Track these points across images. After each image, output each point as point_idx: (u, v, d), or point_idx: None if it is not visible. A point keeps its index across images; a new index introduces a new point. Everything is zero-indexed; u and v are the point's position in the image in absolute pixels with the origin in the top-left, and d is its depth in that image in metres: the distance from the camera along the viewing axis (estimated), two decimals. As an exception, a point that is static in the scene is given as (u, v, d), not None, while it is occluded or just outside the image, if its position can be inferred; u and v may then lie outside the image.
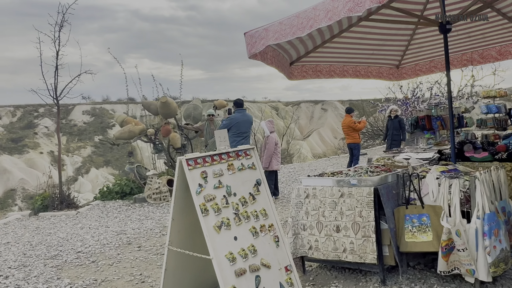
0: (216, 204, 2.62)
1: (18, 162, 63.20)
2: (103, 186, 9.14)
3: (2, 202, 57.77)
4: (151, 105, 9.47)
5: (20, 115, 72.30)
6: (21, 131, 69.06)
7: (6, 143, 65.47)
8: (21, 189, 60.06)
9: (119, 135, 8.12)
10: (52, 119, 74.98)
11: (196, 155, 2.69)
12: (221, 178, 2.75)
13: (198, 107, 10.03)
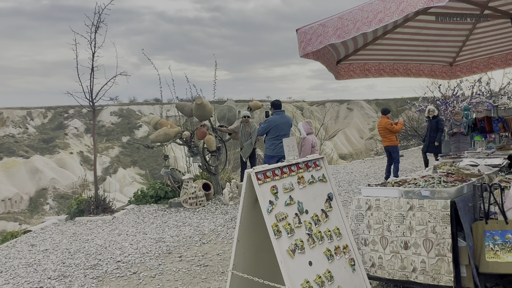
0: (289, 224, 2.29)
1: (49, 162, 65.01)
2: (138, 190, 8.98)
3: (35, 201, 59.56)
4: (185, 106, 9.25)
5: (51, 117, 74.40)
6: (52, 132, 71.03)
7: (38, 144, 67.46)
8: (52, 188, 61.75)
9: (154, 138, 7.93)
10: (81, 120, 76.80)
11: (265, 168, 2.37)
12: (292, 193, 2.42)
13: (233, 109, 9.74)
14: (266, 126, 7.18)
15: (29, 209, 57.68)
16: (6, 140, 62.68)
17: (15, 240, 6.35)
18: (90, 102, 7.62)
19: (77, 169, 67.04)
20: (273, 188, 2.33)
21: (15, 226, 52.77)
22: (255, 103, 9.77)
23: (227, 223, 6.64)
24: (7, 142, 62.29)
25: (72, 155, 68.60)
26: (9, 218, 53.39)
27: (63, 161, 65.69)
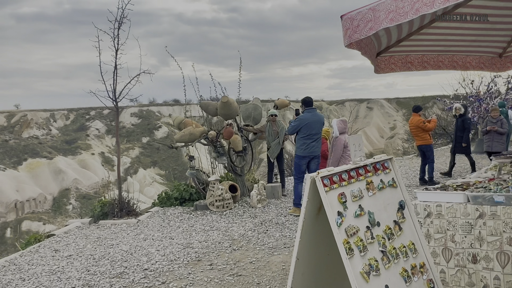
0: (360, 239, 1.90)
1: (72, 163, 66.12)
2: (162, 192, 8.71)
3: (58, 201, 60.65)
4: (209, 105, 8.93)
5: (73, 118, 75.74)
6: (74, 133, 72.27)
7: (61, 145, 68.72)
8: (74, 189, 62.78)
9: (179, 138, 7.63)
10: (103, 121, 77.88)
11: (331, 172, 1.98)
12: (361, 201, 2.02)
13: (258, 107, 9.37)
14: (297, 124, 6.78)
15: (53, 209, 58.79)
16: (30, 141, 64.05)
17: (39, 244, 6.13)
18: (113, 102, 7.36)
19: (98, 170, 68.04)
20: (341, 196, 1.94)
21: (40, 226, 53.83)
22: (282, 101, 9.37)
23: (257, 228, 6.26)
24: (31, 143, 63.64)
25: (94, 156, 69.64)
26: (34, 218, 54.51)
27: (85, 162, 66.74)
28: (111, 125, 78.41)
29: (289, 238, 5.68)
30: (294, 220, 6.61)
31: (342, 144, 7.04)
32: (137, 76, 7.36)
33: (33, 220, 53.69)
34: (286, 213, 7.09)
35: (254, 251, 5.22)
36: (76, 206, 60.50)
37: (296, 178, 7.02)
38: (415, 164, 12.61)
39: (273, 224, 6.44)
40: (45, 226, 53.71)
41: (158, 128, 79.72)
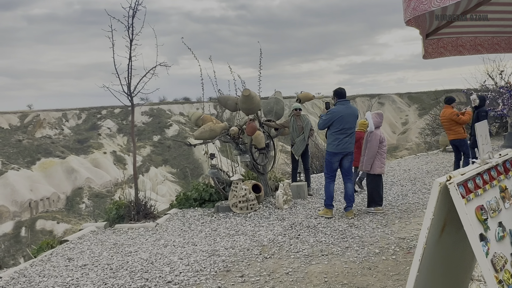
0: (511, 275, 1.32)
1: (84, 162, 66.39)
2: (180, 193, 8.19)
3: (71, 200, 60.93)
4: (229, 100, 8.38)
5: (85, 118, 76.03)
6: (86, 132, 72.55)
7: (73, 144, 69.03)
8: (87, 188, 63.01)
9: (199, 134, 7.09)
10: (114, 120, 78.07)
11: (465, 175, 1.40)
12: (500, 217, 1.45)
13: (280, 101, 8.80)
14: (329, 118, 6.19)
15: (66, 208, 59.08)
16: (43, 141, 64.43)
17: (51, 252, 5.66)
18: (128, 97, 6.86)
19: (111, 169, 68.26)
20: (480, 210, 1.36)
21: (54, 224, 54.11)
22: (305, 94, 8.77)
23: (287, 232, 5.71)
24: (44, 143, 64.01)
25: (106, 154, 69.83)
26: (48, 217, 54.81)
27: (97, 161, 66.96)
28: (122, 124, 78.58)
29: (325, 244, 5.11)
30: (326, 222, 6.04)
31: (378, 139, 6.43)
32: (153, 69, 6.84)
33: (47, 219, 53.99)
34: (315, 215, 6.52)
35: (288, 260, 4.67)
36: (89, 205, 60.70)
37: (328, 177, 6.44)
38: (443, 160, 11.92)
39: (304, 227, 5.88)
40: (59, 225, 54.07)
41: (169, 126, 79.68)
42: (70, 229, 54.71)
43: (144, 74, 6.82)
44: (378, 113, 6.66)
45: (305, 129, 8.12)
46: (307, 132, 8.12)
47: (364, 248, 4.85)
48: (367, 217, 6.23)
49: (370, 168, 6.44)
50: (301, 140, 8.10)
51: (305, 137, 8.11)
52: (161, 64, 7.13)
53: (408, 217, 6.14)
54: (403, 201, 7.14)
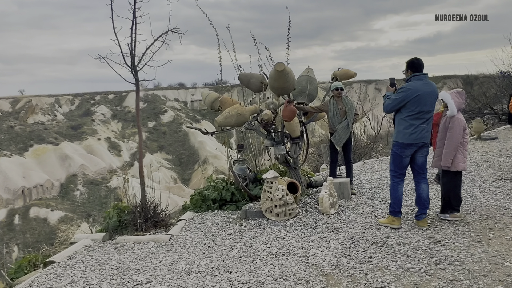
0: None
1: (78, 148, 64.52)
2: (195, 192, 6.68)
3: (65, 187, 59.35)
4: (252, 78, 6.83)
5: (78, 103, 73.78)
6: (80, 118, 70.45)
7: (67, 130, 67.01)
8: (81, 175, 61.36)
9: (223, 120, 5.54)
10: (108, 106, 75.97)
11: None
12: None
13: (313, 80, 7.25)
14: (401, 97, 4.67)
15: (60, 195, 57.47)
16: (36, 127, 62.36)
17: (32, 280, 4.15)
18: (131, 70, 5.28)
19: (105, 155, 66.47)
20: None
21: (48, 212, 52.62)
22: (345, 71, 7.21)
23: (351, 252, 4.24)
24: (37, 129, 61.96)
25: (100, 141, 67.92)
26: (42, 204, 53.22)
27: (91, 147, 65.06)
28: (116, 109, 76.49)
29: (416, 273, 3.65)
30: (397, 236, 4.58)
31: (462, 125, 4.94)
32: (164, 35, 5.23)
33: (41, 207, 52.40)
34: (375, 224, 5.07)
35: (372, 302, 3.21)
36: (83, 192, 59.15)
37: (395, 176, 4.96)
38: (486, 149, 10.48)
39: (371, 244, 4.42)
40: (53, 213, 52.53)
41: (164, 113, 77.79)
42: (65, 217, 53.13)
43: (152, 42, 5.23)
44: (459, 91, 5.14)
45: (348, 113, 6.62)
46: (351, 117, 6.63)
47: (478, 283, 3.40)
48: (446, 228, 4.79)
49: (451, 163, 4.96)
50: (344, 127, 6.60)
51: (348, 123, 6.62)
52: (172, 30, 5.52)
53: (501, 227, 4.70)
54: (476, 204, 5.69)
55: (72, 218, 51.91)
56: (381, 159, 10.34)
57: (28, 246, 48.72)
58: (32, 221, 50.53)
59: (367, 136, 13.30)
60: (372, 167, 9.30)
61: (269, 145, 5.88)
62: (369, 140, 12.85)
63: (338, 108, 6.66)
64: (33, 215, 51.27)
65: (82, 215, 54.56)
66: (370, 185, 7.30)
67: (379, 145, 12.34)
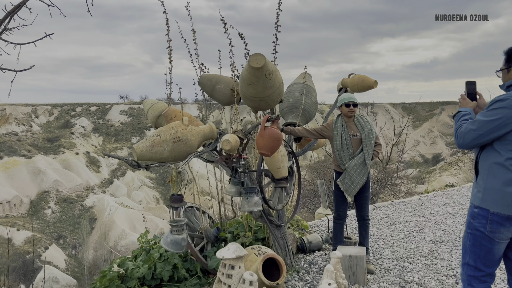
0: None
1: (53, 162, 60.91)
2: (110, 265, 4.07)
3: (36, 205, 55.49)
4: (219, 83, 4.35)
5: (57, 114, 70.52)
6: (58, 130, 67.07)
7: (42, 143, 63.50)
8: (55, 191, 57.60)
9: (147, 149, 2.85)
10: (89, 118, 72.86)
11: None
12: None
13: (312, 91, 4.82)
14: (499, 117, 2.25)
15: (29, 213, 53.55)
16: (8, 138, 58.77)
17: None
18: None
19: (82, 171, 62.88)
20: None
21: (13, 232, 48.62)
22: (360, 78, 4.78)
23: None
24: (9, 140, 58.37)
25: (78, 155, 64.45)
26: (7, 223, 49.19)
27: (67, 162, 61.54)
28: (98, 123, 73.39)
29: None
30: None
31: None
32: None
33: (5, 225, 48.40)
34: None
35: None
36: (55, 210, 55.32)
37: (477, 278, 2.47)
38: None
39: None
40: (19, 233, 48.55)
41: (150, 128, 74.87)
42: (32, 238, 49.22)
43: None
44: None
45: (365, 143, 4.18)
46: (370, 149, 4.19)
47: None
48: None
49: None
50: (359, 165, 4.14)
51: (365, 159, 4.17)
52: None
53: None
54: None
55: (40, 239, 48.02)
56: (397, 202, 7.88)
57: (-13, 268, 44.67)
58: (-6, 241, 46.52)
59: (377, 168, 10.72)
60: (387, 214, 6.84)
61: (233, 194, 3.34)
62: (380, 175, 10.18)
63: (349, 134, 4.21)
64: (-3, 234, 47.24)
65: (52, 235, 50.73)
66: (393, 254, 4.81)
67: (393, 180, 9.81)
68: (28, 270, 43.12)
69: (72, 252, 50.49)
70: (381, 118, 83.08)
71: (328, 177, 9.27)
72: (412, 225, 6.20)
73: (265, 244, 4.48)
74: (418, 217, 6.75)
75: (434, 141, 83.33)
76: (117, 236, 49.91)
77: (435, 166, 62.20)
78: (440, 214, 6.87)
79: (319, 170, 10.47)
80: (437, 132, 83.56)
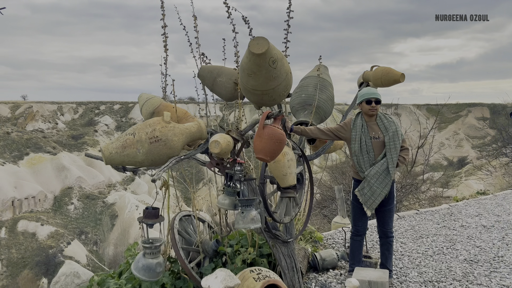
0: None
1: (77, 159, 61.95)
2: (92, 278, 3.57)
3: (59, 201, 56.55)
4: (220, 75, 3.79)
5: (82, 112, 71.76)
6: (82, 128, 68.24)
7: (67, 140, 64.70)
8: (78, 188, 58.55)
9: (118, 151, 2.28)
10: (112, 117, 73.83)
11: None
12: None
13: (328, 86, 4.21)
14: None
15: (53, 208, 54.60)
16: (34, 135, 60.13)
17: None
18: None
19: (105, 168, 63.64)
20: None
21: (37, 226, 49.64)
22: (385, 71, 4.12)
23: None
24: (35, 137, 59.71)
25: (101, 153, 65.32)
26: (31, 218, 50.33)
27: (90, 159, 62.49)
28: (121, 121, 74.25)
29: None
30: None
31: None
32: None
33: (30, 220, 49.49)
34: None
35: None
36: (78, 206, 56.16)
37: None
38: None
39: None
40: (43, 228, 49.47)
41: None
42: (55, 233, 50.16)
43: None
44: None
45: (389, 146, 3.53)
46: (395, 154, 3.53)
47: None
48: None
49: None
50: (381, 173, 3.50)
51: (389, 166, 3.51)
52: None
53: None
54: None
55: (62, 234, 48.82)
56: (423, 212, 7.13)
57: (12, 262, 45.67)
58: (19, 235, 47.58)
59: (401, 172, 9.69)
60: (413, 226, 6.13)
61: (226, 206, 2.76)
62: (405, 179, 9.12)
63: (369, 136, 3.57)
64: (21, 229, 48.34)
65: (74, 231, 51.50)
66: (421, 276, 4.13)
67: (418, 186, 8.75)
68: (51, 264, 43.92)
69: (93, 248, 51.14)
70: (405, 119, 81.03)
71: (348, 181, 8.56)
72: (442, 240, 5.48)
73: (273, 261, 3.89)
74: (448, 230, 6.01)
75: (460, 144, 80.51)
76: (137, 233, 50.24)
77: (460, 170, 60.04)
78: (473, 227, 6.11)
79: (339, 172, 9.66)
80: (463, 135, 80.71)
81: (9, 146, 56.05)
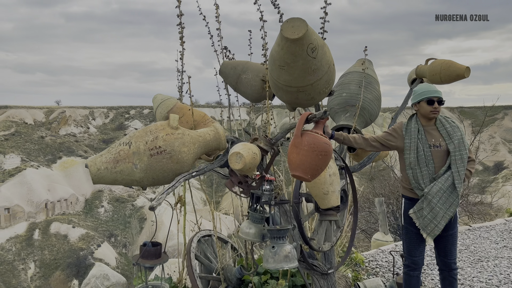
0: None
1: (107, 163, 63.08)
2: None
3: (90, 203, 57.66)
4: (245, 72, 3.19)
5: (112, 117, 73.19)
6: (112, 132, 69.56)
7: (98, 144, 66.07)
8: (108, 191, 59.55)
9: (107, 167, 1.75)
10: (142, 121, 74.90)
11: None
12: None
13: (374, 83, 3.53)
14: None
15: (84, 211, 55.68)
16: (66, 139, 61.72)
17: None
18: None
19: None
20: None
21: (69, 228, 50.72)
22: (446, 64, 3.40)
23: None
24: (68, 141, 61.26)
25: (130, 156, 66.39)
26: (63, 220, 51.47)
27: (120, 162, 63.51)
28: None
29: None
30: None
31: None
32: None
33: (62, 222, 50.63)
34: None
35: None
36: (108, 209, 57.06)
37: None
38: None
39: None
40: (74, 230, 50.49)
41: (199, 130, 75.66)
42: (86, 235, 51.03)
43: None
44: None
45: (454, 157, 2.79)
46: (462, 166, 2.79)
47: None
48: None
49: None
50: (445, 189, 2.75)
51: (455, 181, 2.78)
52: None
53: None
54: None
55: (93, 236, 49.62)
56: (477, 228, 6.24)
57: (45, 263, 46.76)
58: (52, 237, 48.72)
59: None
60: (467, 246, 5.29)
61: (251, 237, 2.13)
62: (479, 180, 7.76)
63: (428, 144, 2.85)
64: (54, 231, 49.49)
65: (104, 234, 52.26)
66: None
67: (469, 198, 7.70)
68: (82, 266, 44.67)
69: (122, 251, 51.70)
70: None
71: (387, 192, 7.70)
72: (506, 264, 4.64)
73: (306, 292, 3.23)
74: (510, 251, 5.15)
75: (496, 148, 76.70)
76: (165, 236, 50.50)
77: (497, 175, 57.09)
78: (542, 248, 5.21)
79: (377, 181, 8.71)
80: (499, 138, 76.90)
81: (43, 150, 57.73)
